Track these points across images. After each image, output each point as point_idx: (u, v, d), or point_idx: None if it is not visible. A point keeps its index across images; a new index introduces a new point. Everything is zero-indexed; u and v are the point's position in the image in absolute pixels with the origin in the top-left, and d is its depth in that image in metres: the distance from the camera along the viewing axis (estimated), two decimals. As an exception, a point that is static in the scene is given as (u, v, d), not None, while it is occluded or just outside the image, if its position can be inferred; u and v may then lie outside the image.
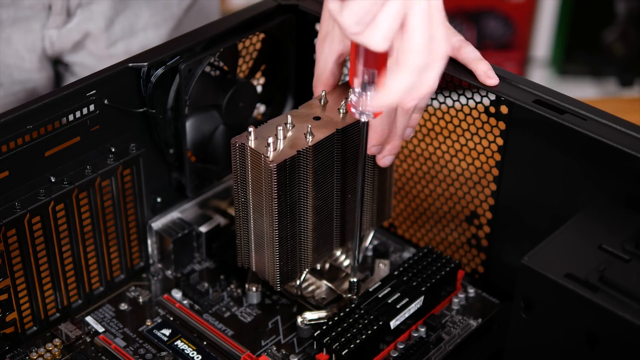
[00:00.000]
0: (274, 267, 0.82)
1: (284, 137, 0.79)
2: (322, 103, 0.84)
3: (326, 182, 0.82)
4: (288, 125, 0.80)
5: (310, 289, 0.90)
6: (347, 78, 0.95)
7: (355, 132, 0.82)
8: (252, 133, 0.78)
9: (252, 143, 0.78)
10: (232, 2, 2.32)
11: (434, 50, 0.69)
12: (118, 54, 1.06)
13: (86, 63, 1.07)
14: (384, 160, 0.84)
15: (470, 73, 0.83)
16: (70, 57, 1.07)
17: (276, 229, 0.80)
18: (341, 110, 0.83)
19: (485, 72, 0.83)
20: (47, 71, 1.07)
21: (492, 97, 0.83)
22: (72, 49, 1.05)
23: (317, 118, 0.82)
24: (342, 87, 0.86)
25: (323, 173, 0.82)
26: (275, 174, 0.77)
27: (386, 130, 0.80)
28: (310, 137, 0.79)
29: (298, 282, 0.87)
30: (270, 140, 0.77)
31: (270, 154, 0.77)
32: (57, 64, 1.10)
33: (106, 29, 1.04)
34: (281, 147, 0.78)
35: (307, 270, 0.86)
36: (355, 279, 0.88)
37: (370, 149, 0.82)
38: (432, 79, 0.70)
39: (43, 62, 1.05)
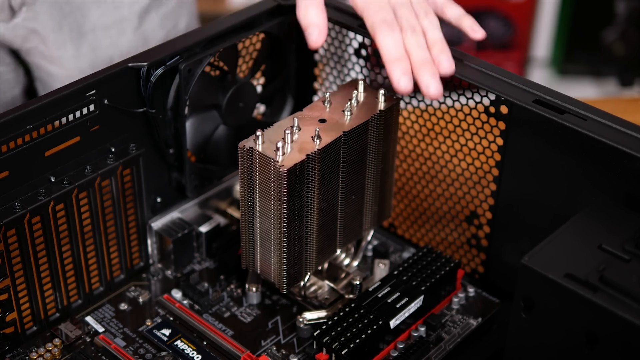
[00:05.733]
0: (281, 270, 0.82)
1: (292, 141, 0.79)
2: (327, 105, 0.84)
3: (332, 184, 0.82)
4: (295, 129, 0.80)
5: (313, 289, 0.90)
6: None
7: (360, 133, 0.82)
8: (260, 137, 0.78)
9: (259, 147, 0.78)
10: (232, 2, 2.32)
11: None
12: (67, 56, 1.04)
13: (41, 65, 1.05)
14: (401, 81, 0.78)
15: (470, 72, 0.84)
16: (27, 55, 1.05)
17: (284, 233, 0.80)
18: (346, 112, 0.83)
19: (471, 27, 0.85)
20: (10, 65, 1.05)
21: (492, 97, 0.83)
22: (22, 44, 1.03)
23: (322, 120, 0.82)
24: (346, 88, 0.86)
25: (329, 175, 0.82)
26: (285, 178, 0.77)
27: (396, 37, 0.79)
28: (318, 141, 0.79)
29: (302, 284, 0.87)
30: (280, 144, 0.77)
31: (280, 158, 0.77)
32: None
33: (53, 30, 1.02)
34: (289, 150, 0.78)
35: (311, 271, 0.86)
36: (358, 282, 0.88)
37: (394, 72, 0.78)
38: None
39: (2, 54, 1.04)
